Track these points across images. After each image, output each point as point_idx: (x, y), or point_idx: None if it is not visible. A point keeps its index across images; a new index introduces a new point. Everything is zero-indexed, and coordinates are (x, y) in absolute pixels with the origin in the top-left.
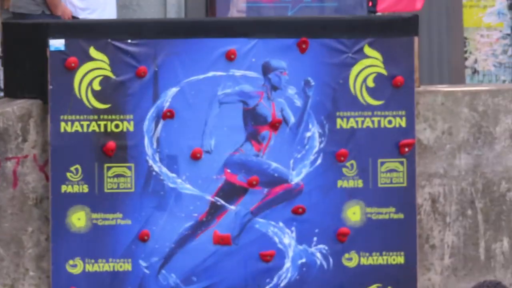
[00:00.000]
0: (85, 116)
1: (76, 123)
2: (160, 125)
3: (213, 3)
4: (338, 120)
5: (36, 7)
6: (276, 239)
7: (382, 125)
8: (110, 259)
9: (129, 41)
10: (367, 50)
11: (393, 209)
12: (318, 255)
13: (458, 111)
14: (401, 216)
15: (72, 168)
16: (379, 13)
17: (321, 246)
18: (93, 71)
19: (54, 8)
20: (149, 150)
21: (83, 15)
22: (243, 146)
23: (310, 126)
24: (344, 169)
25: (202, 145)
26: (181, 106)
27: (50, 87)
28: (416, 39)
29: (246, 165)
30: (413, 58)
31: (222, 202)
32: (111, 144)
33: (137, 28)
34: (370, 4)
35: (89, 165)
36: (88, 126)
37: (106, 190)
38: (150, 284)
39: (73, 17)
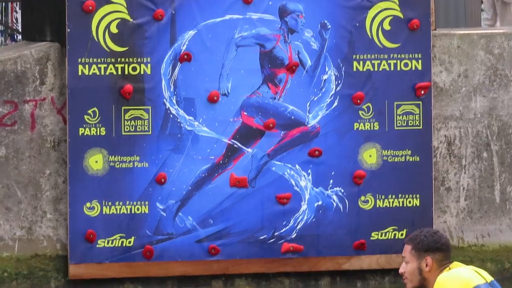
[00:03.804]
0: (102, 59)
1: (94, 66)
2: (177, 68)
3: None
4: (355, 63)
5: None
6: (293, 182)
7: (398, 68)
8: (127, 202)
9: None
10: None
11: (409, 152)
12: (334, 197)
13: (474, 54)
14: (417, 158)
15: (90, 111)
16: None
17: (337, 188)
18: (110, 14)
19: None
20: (166, 93)
21: None
22: (260, 88)
23: (327, 69)
24: (360, 112)
25: (219, 88)
26: (198, 49)
27: (67, 30)
28: None
29: (262, 108)
30: (429, 1)
31: (239, 144)
32: (129, 87)
33: None
34: None
35: (106, 108)
36: (105, 69)
37: (123, 133)
38: (167, 227)
39: None
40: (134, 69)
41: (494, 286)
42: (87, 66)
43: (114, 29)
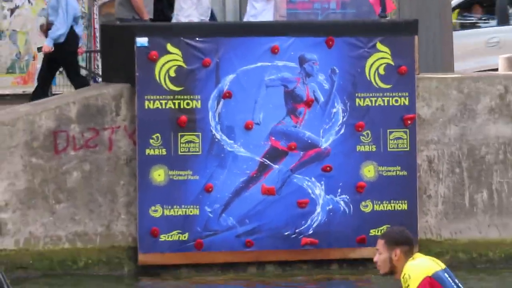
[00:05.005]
0: (163, 96)
1: (157, 102)
2: (220, 103)
3: None
4: (357, 100)
5: (128, 13)
6: (310, 191)
7: (390, 103)
8: (183, 206)
9: (197, 39)
10: (379, 46)
11: (399, 168)
12: (342, 203)
13: (449, 93)
14: (405, 173)
15: (154, 136)
16: (388, 16)
17: (344, 196)
18: (169, 62)
19: (141, 14)
20: (212, 122)
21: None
22: (284, 119)
23: (336, 104)
24: (361, 137)
25: (253, 118)
26: (237, 89)
27: (137, 74)
28: (416, 37)
29: (286, 134)
30: (414, 52)
31: (268, 162)
32: (183, 118)
33: (203, 29)
34: (377, 13)
35: (166, 134)
36: (166, 103)
37: (179, 153)
38: (213, 225)
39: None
40: (187, 104)
41: (448, 272)
42: (151, 101)
43: (172, 73)
